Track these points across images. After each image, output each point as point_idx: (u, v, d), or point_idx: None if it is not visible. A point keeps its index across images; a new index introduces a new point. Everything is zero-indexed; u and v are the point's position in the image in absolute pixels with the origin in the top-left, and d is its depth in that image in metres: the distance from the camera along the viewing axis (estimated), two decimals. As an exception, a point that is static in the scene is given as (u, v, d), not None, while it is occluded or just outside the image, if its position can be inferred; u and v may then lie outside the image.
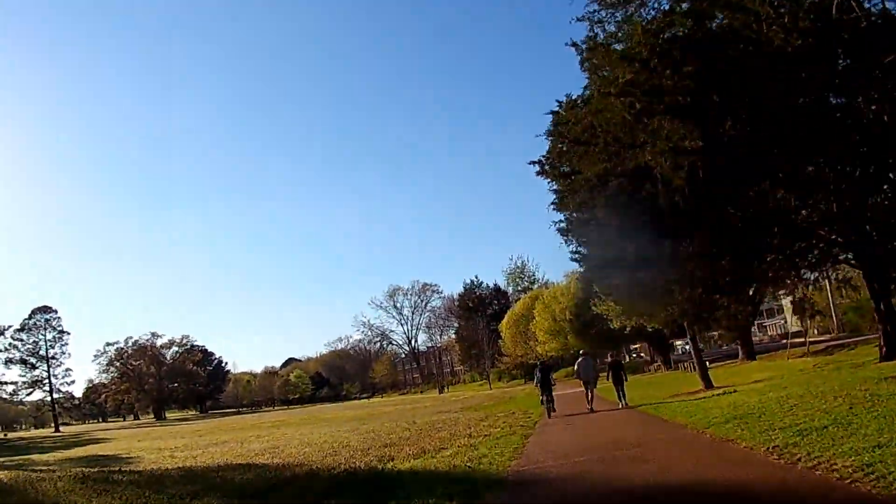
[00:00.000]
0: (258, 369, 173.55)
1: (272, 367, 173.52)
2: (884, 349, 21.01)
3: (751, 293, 34.26)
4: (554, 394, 26.45)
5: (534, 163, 24.76)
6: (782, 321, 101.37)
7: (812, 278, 26.29)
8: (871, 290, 21.86)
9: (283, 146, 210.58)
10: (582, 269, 61.95)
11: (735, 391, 22.80)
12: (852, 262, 22.62)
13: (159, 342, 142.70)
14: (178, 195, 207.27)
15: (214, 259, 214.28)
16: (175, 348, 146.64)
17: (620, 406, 25.10)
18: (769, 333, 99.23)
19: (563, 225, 26.60)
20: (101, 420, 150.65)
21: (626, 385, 26.94)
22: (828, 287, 58.27)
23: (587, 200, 22.39)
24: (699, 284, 22.92)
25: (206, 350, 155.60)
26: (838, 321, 62.27)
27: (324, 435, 28.65)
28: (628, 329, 44.52)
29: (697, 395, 25.67)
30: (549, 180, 25.08)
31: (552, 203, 25.65)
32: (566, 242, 26.04)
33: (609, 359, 34.70)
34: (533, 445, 15.45)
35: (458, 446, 16.65)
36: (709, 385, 28.30)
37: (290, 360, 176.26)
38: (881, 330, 21.33)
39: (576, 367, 27.85)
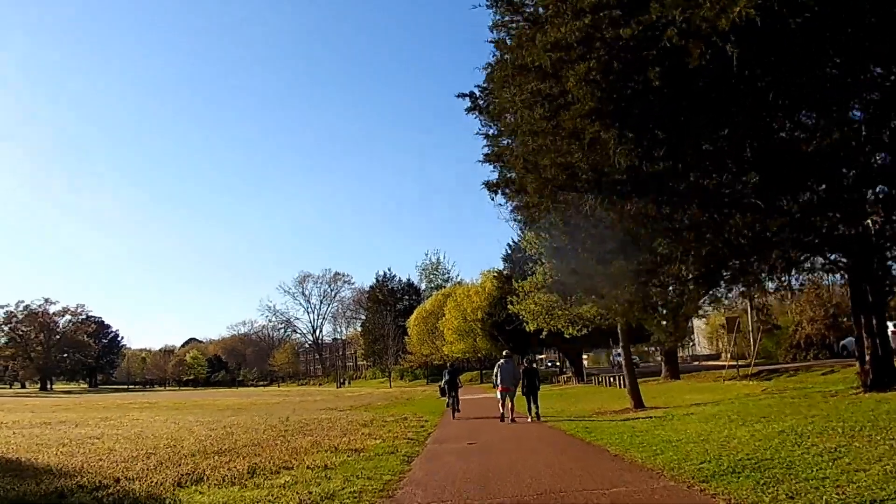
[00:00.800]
0: (158, 347, 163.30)
1: (171, 346, 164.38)
2: (870, 375, 16.33)
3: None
4: (460, 397, 26.37)
5: (463, 95, 19.12)
6: (690, 343, 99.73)
7: (778, 283, 21.55)
8: (856, 300, 17.23)
9: (205, 123, 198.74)
10: (503, 264, 58.10)
11: (673, 416, 18.42)
12: (840, 261, 17.83)
13: (52, 309, 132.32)
14: (91, 162, 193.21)
15: (122, 232, 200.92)
16: (68, 317, 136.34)
17: (530, 419, 21.54)
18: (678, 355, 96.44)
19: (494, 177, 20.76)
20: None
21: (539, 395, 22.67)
22: (748, 309, 54.62)
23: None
24: (656, 276, 17.94)
25: (102, 322, 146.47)
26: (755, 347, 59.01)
27: (172, 426, 23.87)
28: (544, 333, 40.05)
29: (626, 415, 21.59)
30: (481, 119, 19.50)
31: (484, 153, 20.07)
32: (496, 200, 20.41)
33: (524, 364, 29.63)
34: (414, 478, 10.23)
35: (310, 467, 11.38)
36: (639, 404, 23.52)
37: (190, 341, 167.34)
38: (867, 351, 16.66)
39: (495, 369, 23.06)
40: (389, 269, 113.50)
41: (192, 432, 20.22)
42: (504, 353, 23.69)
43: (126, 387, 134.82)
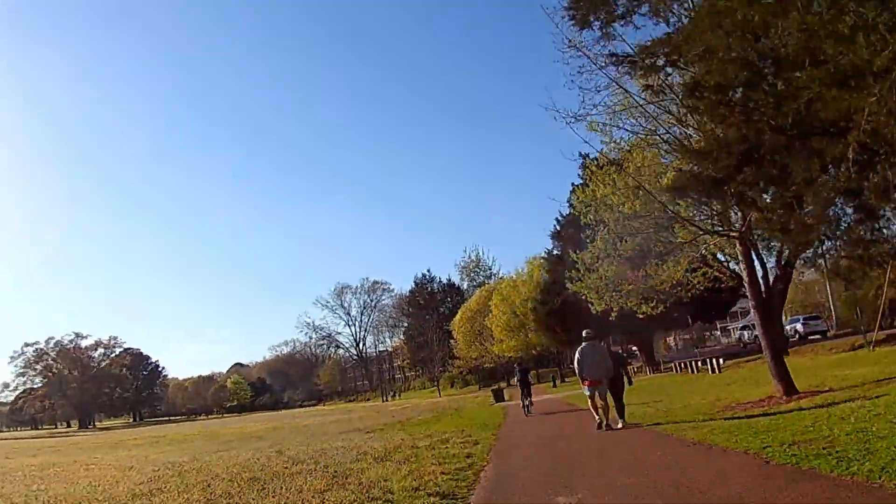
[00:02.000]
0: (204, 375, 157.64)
1: (218, 373, 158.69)
2: None
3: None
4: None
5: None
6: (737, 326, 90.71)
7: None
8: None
9: (228, 147, 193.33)
10: (552, 243, 50.08)
11: (859, 401, 12.19)
12: None
13: (84, 343, 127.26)
14: (106, 189, 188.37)
15: (156, 261, 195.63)
16: (101, 350, 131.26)
17: (621, 424, 15.57)
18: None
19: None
20: (32, 428, 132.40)
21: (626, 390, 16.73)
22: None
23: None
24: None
25: (140, 353, 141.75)
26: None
27: (126, 469, 17.64)
28: (614, 313, 32.16)
29: (777, 406, 14.59)
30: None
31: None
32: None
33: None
34: None
35: None
36: (790, 388, 15.57)
37: (235, 366, 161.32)
38: None
39: (577, 357, 16.21)
40: (429, 271, 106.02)
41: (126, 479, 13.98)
42: (585, 333, 16.23)
43: (167, 419, 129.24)
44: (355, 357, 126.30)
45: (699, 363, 34.31)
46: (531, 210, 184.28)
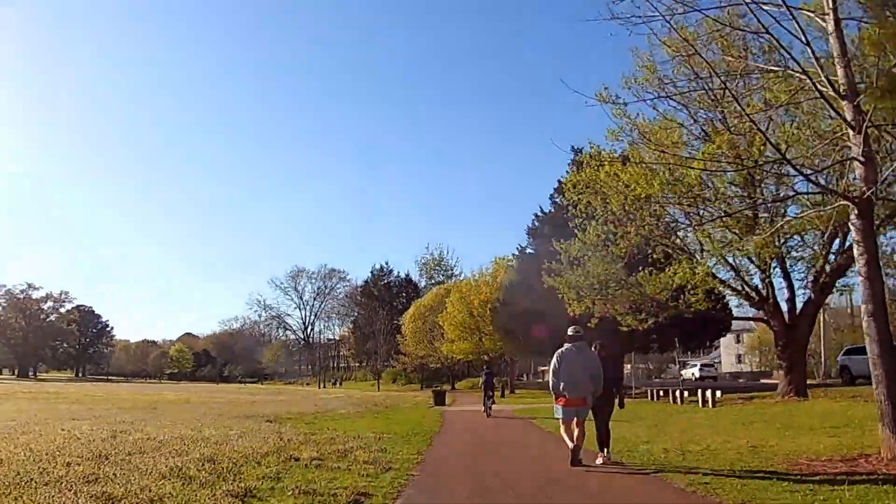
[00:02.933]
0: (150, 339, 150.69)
1: (168, 340, 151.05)
2: None
3: None
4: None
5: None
6: (715, 363, 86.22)
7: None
8: None
9: (207, 118, 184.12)
10: (527, 240, 43.91)
11: None
12: None
13: (35, 295, 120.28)
14: (93, 151, 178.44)
15: (117, 222, 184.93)
16: (51, 303, 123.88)
17: (600, 459, 10.94)
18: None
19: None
20: None
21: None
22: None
23: None
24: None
25: (91, 311, 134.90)
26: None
27: None
28: (594, 320, 26.28)
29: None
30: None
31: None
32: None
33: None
34: None
35: None
36: None
37: (185, 335, 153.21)
38: None
39: (553, 364, 10.76)
40: (387, 263, 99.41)
41: None
42: (571, 330, 10.86)
43: (107, 378, 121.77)
44: (302, 341, 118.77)
45: (681, 393, 28.31)
46: (503, 215, 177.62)
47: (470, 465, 11.10)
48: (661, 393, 32.16)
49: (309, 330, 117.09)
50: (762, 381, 53.46)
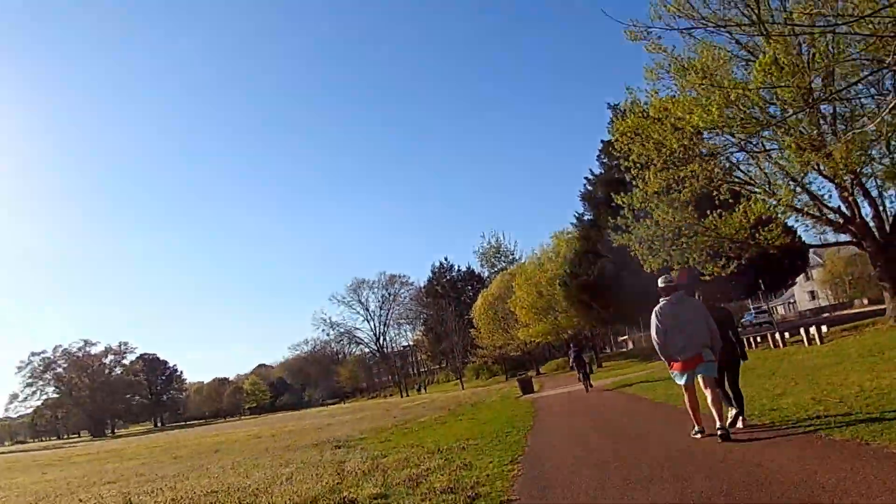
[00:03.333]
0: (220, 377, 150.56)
1: (243, 375, 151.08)
2: None
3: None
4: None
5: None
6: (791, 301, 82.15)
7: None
8: None
9: (235, 146, 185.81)
10: (583, 207, 41.23)
11: None
12: None
13: (93, 351, 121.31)
14: (106, 187, 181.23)
15: (172, 268, 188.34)
16: (112, 357, 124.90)
17: (740, 423, 8.86)
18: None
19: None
20: (57, 438, 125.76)
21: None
22: None
23: None
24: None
25: (156, 358, 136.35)
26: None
27: None
28: (674, 272, 23.74)
29: None
30: None
31: None
32: None
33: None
34: None
35: None
36: None
37: (260, 366, 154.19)
38: None
39: (654, 321, 8.79)
40: (446, 260, 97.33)
41: None
42: (662, 281, 8.90)
43: (183, 423, 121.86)
44: (376, 352, 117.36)
45: (781, 335, 25.60)
46: (551, 193, 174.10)
47: (583, 460, 8.81)
48: (759, 339, 29.27)
49: (381, 340, 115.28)
50: (845, 312, 50.16)
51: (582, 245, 38.48)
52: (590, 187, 37.95)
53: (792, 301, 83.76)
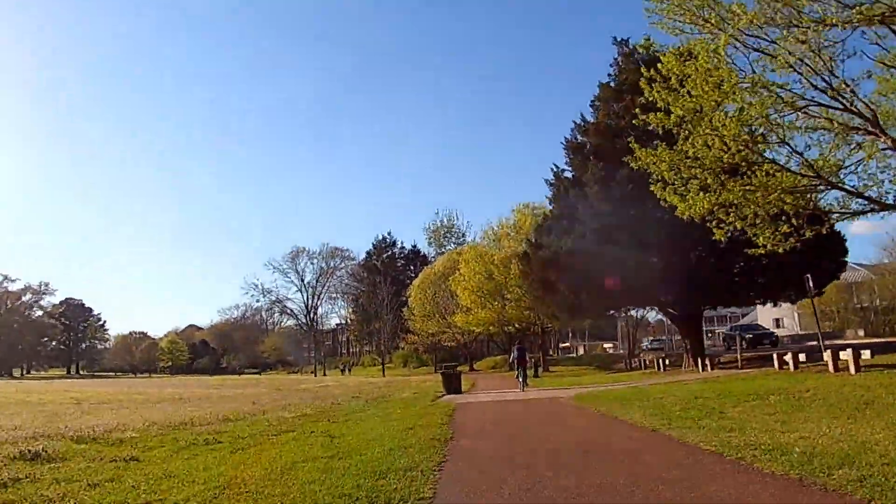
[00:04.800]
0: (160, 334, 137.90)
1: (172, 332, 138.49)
2: None
3: None
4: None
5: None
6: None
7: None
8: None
9: (199, 101, 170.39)
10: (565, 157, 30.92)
11: None
12: None
13: (12, 287, 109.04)
14: (64, 129, 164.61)
15: (123, 215, 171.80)
16: (30, 295, 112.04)
17: None
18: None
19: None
20: None
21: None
22: None
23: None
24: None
25: (81, 304, 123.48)
26: None
27: None
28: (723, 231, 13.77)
29: None
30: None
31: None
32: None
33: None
34: None
35: None
36: None
37: (190, 326, 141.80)
38: None
39: None
40: (389, 234, 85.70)
41: None
42: None
43: (91, 375, 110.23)
44: (304, 326, 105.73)
45: (794, 357, 17.16)
46: (514, 172, 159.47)
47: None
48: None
49: (312, 314, 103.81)
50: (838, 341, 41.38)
51: (556, 208, 28.37)
52: (579, 136, 27.69)
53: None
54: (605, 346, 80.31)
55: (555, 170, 29.25)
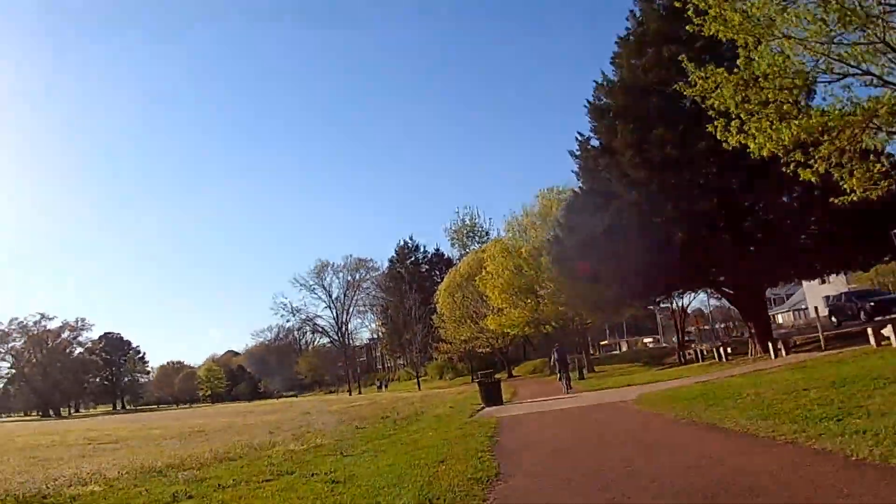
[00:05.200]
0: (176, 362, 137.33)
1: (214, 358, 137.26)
2: None
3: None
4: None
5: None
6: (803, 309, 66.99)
7: None
8: None
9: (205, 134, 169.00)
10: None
11: None
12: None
13: (51, 325, 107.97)
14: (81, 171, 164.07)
15: (146, 252, 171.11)
16: (68, 333, 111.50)
17: None
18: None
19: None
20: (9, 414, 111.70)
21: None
22: None
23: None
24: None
25: (120, 338, 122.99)
26: None
27: None
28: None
29: None
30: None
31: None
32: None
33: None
34: None
35: None
36: None
37: (228, 353, 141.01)
38: None
39: None
40: (411, 239, 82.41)
41: None
42: None
43: (134, 409, 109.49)
44: (338, 343, 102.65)
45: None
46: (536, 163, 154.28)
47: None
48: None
49: (343, 330, 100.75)
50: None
51: (586, 182, 25.33)
52: (602, 97, 24.55)
53: (802, 307, 68.47)
54: (646, 340, 76.81)
55: (580, 139, 26.04)
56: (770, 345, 22.31)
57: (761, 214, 20.96)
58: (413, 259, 78.29)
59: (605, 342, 78.02)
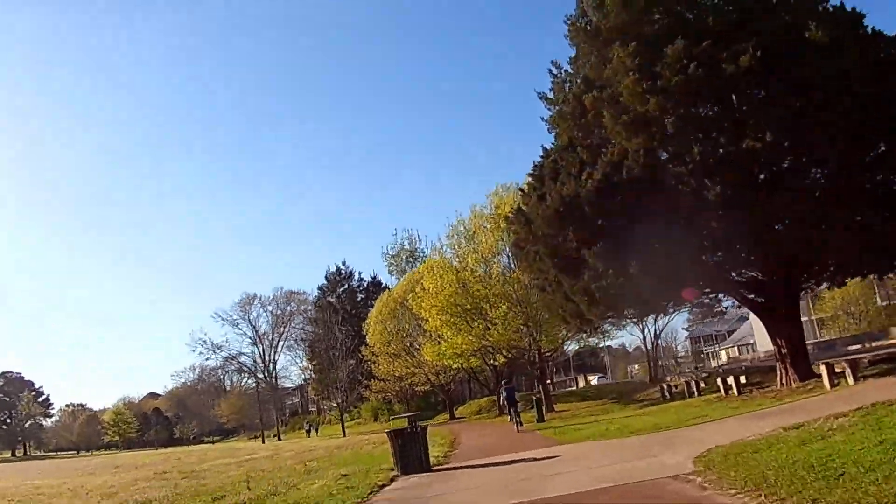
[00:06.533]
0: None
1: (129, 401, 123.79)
2: None
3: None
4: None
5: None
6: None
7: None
8: None
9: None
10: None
11: None
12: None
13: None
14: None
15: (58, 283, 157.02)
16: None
17: None
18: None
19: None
20: None
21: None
22: None
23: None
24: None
25: (21, 378, 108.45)
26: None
27: None
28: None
29: None
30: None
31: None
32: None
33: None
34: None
35: None
36: None
37: (150, 395, 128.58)
38: None
39: None
40: (344, 264, 73.13)
41: None
42: None
43: (36, 456, 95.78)
44: (263, 383, 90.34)
45: None
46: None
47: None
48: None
49: (272, 367, 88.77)
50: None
51: (564, 131, 16.96)
52: (588, 11, 16.61)
53: (750, 342, 60.92)
54: (589, 378, 70.87)
55: (553, 70, 17.95)
56: (824, 369, 14.52)
57: (807, 175, 13.35)
58: (346, 287, 68.88)
59: (559, 379, 70.64)
